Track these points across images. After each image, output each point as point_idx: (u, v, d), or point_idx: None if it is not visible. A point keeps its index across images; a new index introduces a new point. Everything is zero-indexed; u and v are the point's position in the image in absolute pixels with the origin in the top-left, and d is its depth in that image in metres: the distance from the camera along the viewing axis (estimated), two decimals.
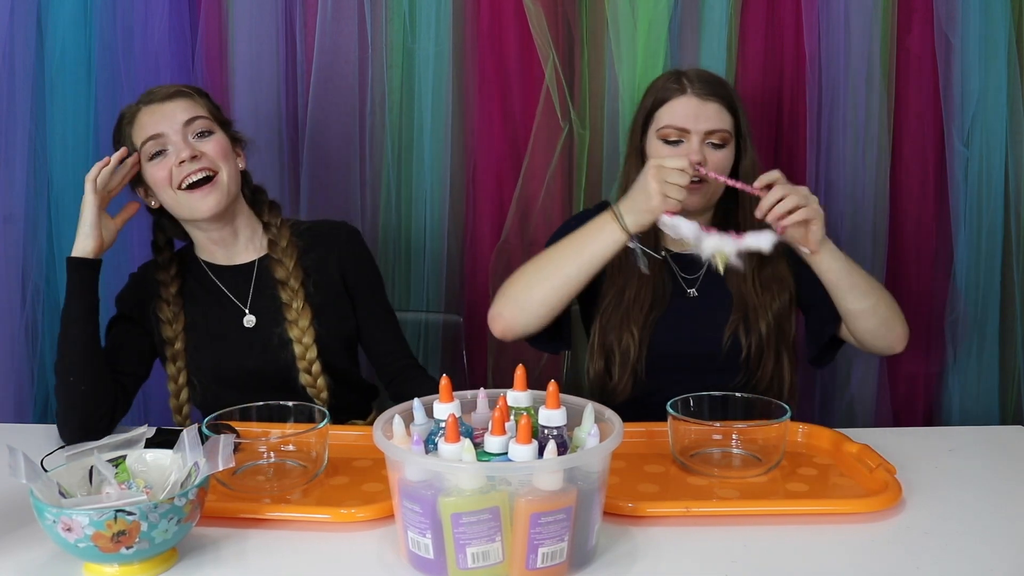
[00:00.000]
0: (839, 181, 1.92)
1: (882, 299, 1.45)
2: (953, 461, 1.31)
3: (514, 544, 0.94)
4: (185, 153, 1.45)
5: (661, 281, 1.55)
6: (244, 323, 1.55)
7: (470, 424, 1.07)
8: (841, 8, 1.86)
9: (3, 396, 1.97)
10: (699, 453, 1.27)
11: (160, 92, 1.51)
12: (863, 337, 1.47)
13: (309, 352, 1.52)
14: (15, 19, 1.87)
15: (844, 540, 1.07)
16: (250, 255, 1.58)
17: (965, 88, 1.87)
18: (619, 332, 1.53)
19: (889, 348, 1.49)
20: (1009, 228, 1.93)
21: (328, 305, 1.57)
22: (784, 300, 1.54)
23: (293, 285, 1.54)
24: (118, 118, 1.54)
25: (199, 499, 0.99)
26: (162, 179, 1.47)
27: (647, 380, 1.54)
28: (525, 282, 1.45)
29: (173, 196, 1.48)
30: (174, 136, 1.47)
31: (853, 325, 1.46)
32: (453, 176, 1.97)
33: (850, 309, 1.44)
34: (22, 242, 1.95)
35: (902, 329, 1.48)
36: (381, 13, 1.91)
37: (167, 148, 1.47)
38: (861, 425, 1.94)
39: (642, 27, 1.87)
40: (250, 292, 1.56)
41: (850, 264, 1.42)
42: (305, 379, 1.52)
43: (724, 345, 1.52)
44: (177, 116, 1.48)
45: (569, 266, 1.41)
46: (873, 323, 1.44)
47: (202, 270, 1.58)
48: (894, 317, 1.47)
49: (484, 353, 2.03)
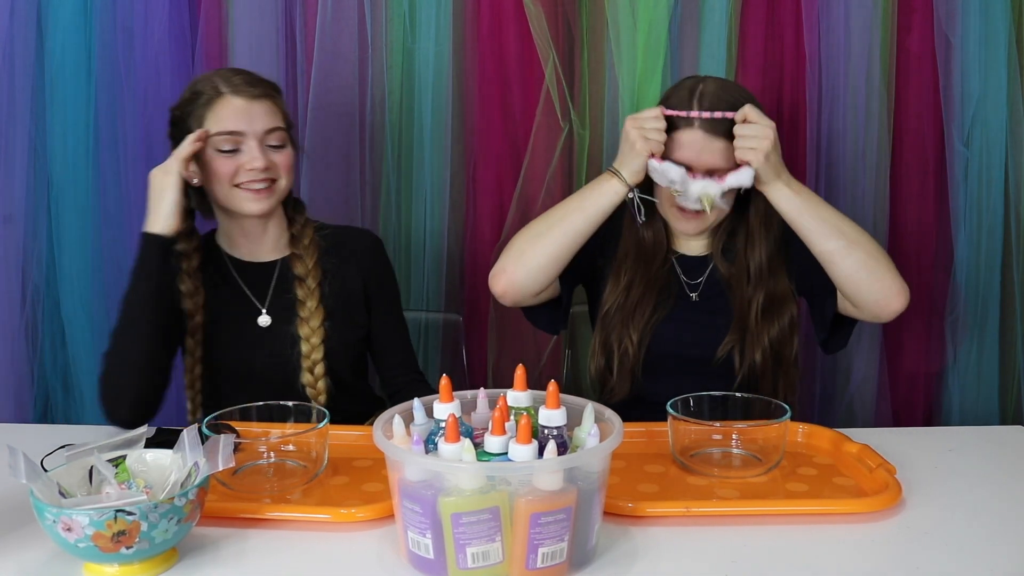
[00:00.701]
0: (839, 181, 1.92)
1: (860, 244, 1.42)
2: (953, 461, 1.31)
3: (514, 544, 0.94)
4: (259, 163, 1.47)
5: (666, 284, 1.56)
6: (259, 322, 1.55)
7: (470, 424, 1.07)
8: (841, 8, 1.86)
9: (3, 396, 1.97)
10: (699, 453, 1.27)
11: (247, 86, 1.49)
12: (847, 287, 1.43)
13: (315, 353, 1.52)
14: (15, 19, 1.87)
15: (844, 540, 1.07)
16: (274, 254, 1.59)
17: (965, 88, 1.87)
18: (620, 333, 1.53)
19: (884, 302, 1.42)
20: (1009, 228, 1.93)
21: (341, 311, 1.57)
22: (784, 324, 1.52)
23: (310, 284, 1.55)
24: (194, 91, 1.50)
25: (199, 499, 0.99)
26: (226, 174, 1.47)
27: (645, 380, 1.54)
28: (529, 236, 1.50)
29: (227, 190, 1.48)
30: (252, 140, 1.47)
31: (832, 273, 1.43)
32: (453, 176, 1.97)
33: (820, 251, 1.43)
34: (22, 242, 1.95)
35: (893, 281, 1.42)
36: (381, 13, 1.91)
37: (241, 148, 1.47)
38: (861, 425, 1.94)
39: (642, 27, 1.87)
40: (269, 292, 1.56)
41: (816, 202, 1.43)
42: (307, 379, 1.52)
43: (719, 358, 1.52)
44: (262, 121, 1.48)
45: (574, 219, 1.47)
46: (849, 266, 1.41)
47: (223, 261, 1.57)
48: (879, 266, 1.42)
49: (484, 353, 2.03)
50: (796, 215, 1.43)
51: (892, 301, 1.43)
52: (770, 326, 1.51)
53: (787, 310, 1.53)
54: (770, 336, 1.51)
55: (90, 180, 1.95)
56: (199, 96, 1.49)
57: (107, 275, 1.98)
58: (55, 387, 2.03)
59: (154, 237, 1.42)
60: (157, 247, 1.42)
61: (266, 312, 1.55)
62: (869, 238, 1.45)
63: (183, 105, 1.51)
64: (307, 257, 1.56)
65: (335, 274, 1.58)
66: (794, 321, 1.54)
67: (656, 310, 1.54)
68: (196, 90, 1.50)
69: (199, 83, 1.51)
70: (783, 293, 1.53)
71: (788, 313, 1.53)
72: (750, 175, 1.41)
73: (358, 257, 1.61)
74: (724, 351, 1.51)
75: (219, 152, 1.47)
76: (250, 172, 1.47)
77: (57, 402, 2.04)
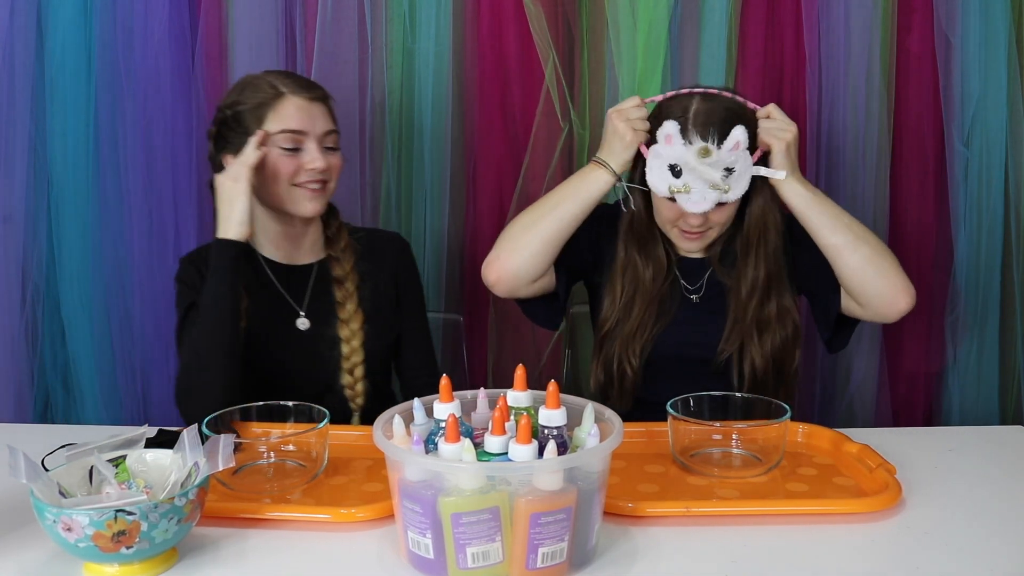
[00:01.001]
0: (839, 181, 1.92)
1: (866, 240, 1.43)
2: (953, 461, 1.31)
3: (514, 544, 0.94)
4: (321, 164, 1.48)
5: (668, 295, 1.54)
6: (298, 325, 1.55)
7: (470, 424, 1.07)
8: (841, 8, 1.86)
9: (3, 396, 1.97)
10: (699, 453, 1.27)
11: (306, 88, 1.51)
12: (853, 283, 1.44)
13: (355, 355, 1.53)
14: (15, 19, 1.87)
15: (844, 540, 1.07)
16: (310, 257, 1.60)
17: (965, 88, 1.87)
18: (621, 353, 1.52)
19: (891, 299, 1.43)
20: (1009, 228, 1.93)
21: (377, 313, 1.58)
22: (785, 336, 1.50)
23: (349, 287, 1.56)
24: (249, 90, 1.50)
25: (199, 499, 0.99)
26: (288, 173, 1.48)
27: (646, 383, 1.53)
28: (521, 224, 1.51)
29: (286, 189, 1.49)
30: (313, 141, 1.49)
31: (838, 267, 1.44)
32: (453, 176, 1.97)
33: (827, 245, 1.44)
34: (22, 242, 1.95)
35: (898, 278, 1.43)
36: (381, 13, 1.91)
37: (303, 147, 1.48)
38: (861, 425, 1.94)
39: (642, 27, 1.87)
40: (307, 295, 1.57)
41: (825, 198, 1.45)
42: (347, 379, 1.53)
43: (719, 361, 1.51)
44: (321, 122, 1.50)
45: (566, 206, 1.48)
46: (856, 261, 1.42)
47: (260, 264, 1.57)
48: (885, 263, 1.43)
49: (484, 353, 2.03)
50: (805, 207, 1.44)
51: (898, 299, 1.43)
52: (770, 339, 1.50)
53: (788, 323, 1.51)
54: (771, 348, 1.50)
55: (90, 180, 1.95)
56: (257, 94, 1.49)
57: (107, 275, 1.98)
58: (55, 387, 2.03)
59: (229, 243, 1.42)
60: (232, 252, 1.42)
61: (304, 315, 1.56)
62: (876, 237, 1.46)
63: (235, 104, 1.50)
64: (345, 260, 1.57)
65: (370, 277, 1.59)
66: (798, 333, 1.52)
67: (657, 321, 1.53)
68: (252, 89, 1.50)
69: (253, 82, 1.51)
70: (785, 307, 1.51)
71: (788, 327, 1.51)
72: (783, 173, 1.42)
73: (390, 261, 1.63)
74: (723, 357, 1.50)
75: (281, 151, 1.48)
76: (310, 172, 1.48)
77: (57, 402, 2.04)
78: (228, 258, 1.42)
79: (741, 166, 1.41)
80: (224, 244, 1.42)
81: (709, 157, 1.39)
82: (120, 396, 2.02)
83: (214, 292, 1.42)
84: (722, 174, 1.39)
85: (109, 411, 2.02)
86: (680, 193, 1.41)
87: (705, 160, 1.39)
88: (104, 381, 2.01)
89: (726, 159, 1.39)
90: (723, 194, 1.40)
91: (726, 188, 1.40)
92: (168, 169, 1.94)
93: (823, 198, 1.45)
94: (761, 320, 1.50)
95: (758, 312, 1.50)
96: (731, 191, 1.41)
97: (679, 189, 1.41)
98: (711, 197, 1.40)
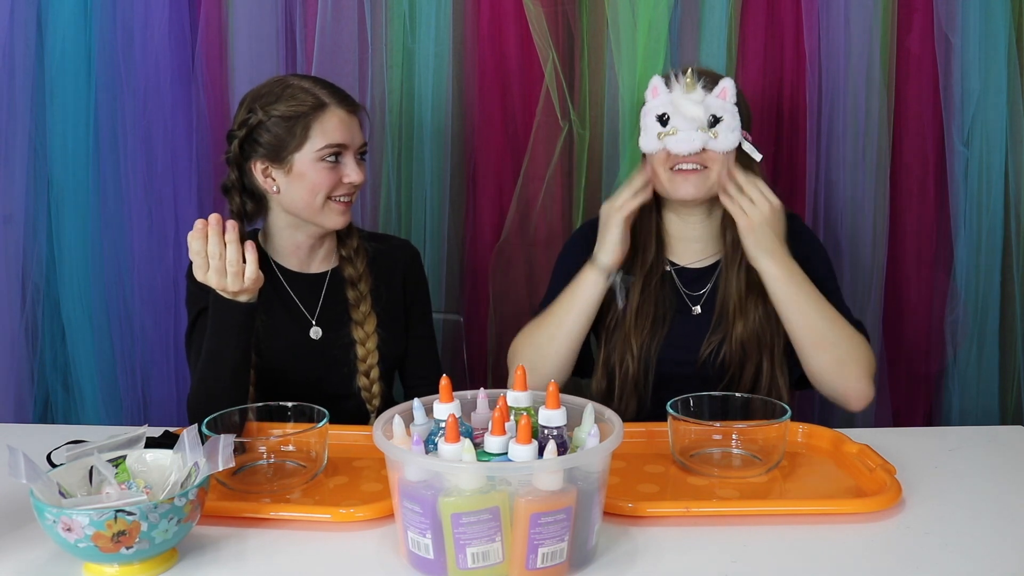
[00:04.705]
0: (839, 181, 1.92)
1: (838, 345, 1.41)
2: (953, 461, 1.31)
3: (514, 544, 0.94)
4: (359, 178, 1.48)
5: (663, 296, 1.54)
6: (311, 334, 1.55)
7: (470, 424, 1.07)
8: (841, 8, 1.86)
9: (3, 396, 1.97)
10: (699, 453, 1.27)
11: (346, 100, 1.49)
12: (810, 375, 1.44)
13: (371, 357, 1.53)
14: (15, 19, 1.87)
15: (844, 540, 1.07)
16: (323, 266, 1.59)
17: (965, 88, 1.87)
18: (621, 352, 1.52)
19: (842, 400, 1.44)
20: (1009, 228, 1.93)
21: (387, 318, 1.58)
22: (786, 343, 1.49)
23: (363, 288, 1.55)
24: (290, 96, 1.45)
25: (199, 499, 0.99)
26: (329, 185, 1.46)
27: (650, 400, 1.52)
28: (534, 346, 1.51)
29: (321, 201, 1.47)
30: (351, 154, 1.48)
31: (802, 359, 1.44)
32: (453, 176, 1.97)
33: (794, 340, 1.43)
34: (22, 242, 1.95)
35: (857, 384, 1.42)
36: (381, 13, 1.92)
37: (343, 160, 1.47)
38: (861, 425, 1.93)
39: (642, 27, 1.87)
40: (319, 304, 1.56)
41: (803, 293, 1.41)
42: (363, 382, 1.53)
43: (717, 368, 1.50)
44: (358, 136, 1.50)
45: (568, 321, 1.49)
46: (820, 363, 1.42)
47: (273, 272, 1.55)
48: (847, 370, 1.41)
49: (484, 353, 2.03)
50: (776, 298, 1.43)
51: (849, 403, 1.45)
52: (770, 342, 1.49)
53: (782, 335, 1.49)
54: (773, 351, 1.49)
55: (90, 180, 1.95)
56: (295, 102, 1.45)
57: (107, 275, 1.98)
58: (55, 387, 2.03)
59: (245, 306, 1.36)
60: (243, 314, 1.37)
61: (316, 324, 1.55)
62: (851, 336, 1.43)
63: (271, 108, 1.45)
64: (358, 261, 1.56)
65: (381, 281, 1.59)
66: None
67: (655, 325, 1.52)
68: (290, 96, 1.45)
69: (289, 88, 1.46)
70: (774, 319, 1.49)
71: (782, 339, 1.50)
72: (759, 156, 1.41)
73: (400, 268, 1.63)
74: (722, 365, 1.50)
75: (324, 163, 1.46)
76: (346, 185, 1.48)
77: (57, 402, 2.04)
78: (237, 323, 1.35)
79: (729, 120, 1.40)
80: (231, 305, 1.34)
81: (694, 93, 1.38)
82: (120, 396, 2.02)
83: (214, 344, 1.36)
84: (708, 119, 1.39)
85: (109, 411, 2.02)
86: (668, 136, 1.40)
87: (691, 96, 1.38)
88: (104, 381, 2.02)
89: (713, 104, 1.39)
90: (711, 140, 1.40)
91: (713, 134, 1.39)
92: (168, 169, 1.94)
93: (802, 292, 1.41)
94: (761, 331, 1.49)
95: (758, 317, 1.49)
96: (719, 139, 1.40)
97: (667, 132, 1.41)
98: (698, 138, 1.40)
